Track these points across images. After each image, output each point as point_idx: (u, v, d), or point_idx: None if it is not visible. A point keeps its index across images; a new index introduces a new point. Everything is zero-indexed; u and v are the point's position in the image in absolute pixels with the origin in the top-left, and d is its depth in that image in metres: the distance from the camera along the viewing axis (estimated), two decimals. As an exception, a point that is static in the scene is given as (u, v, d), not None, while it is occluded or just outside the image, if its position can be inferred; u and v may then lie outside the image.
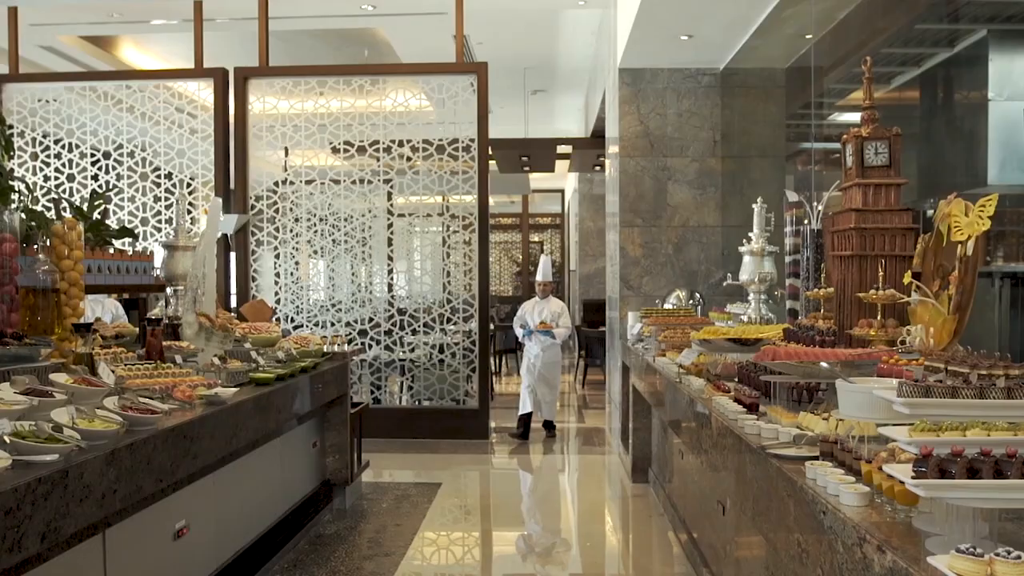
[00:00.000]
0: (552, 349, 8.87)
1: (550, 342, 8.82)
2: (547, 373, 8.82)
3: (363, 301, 8.94)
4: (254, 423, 4.09)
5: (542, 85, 13.41)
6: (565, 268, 23.92)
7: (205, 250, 4.93)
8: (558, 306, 9.00)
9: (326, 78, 8.59)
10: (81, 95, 8.67)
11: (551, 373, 8.86)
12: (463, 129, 8.59)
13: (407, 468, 7.60)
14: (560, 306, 9.01)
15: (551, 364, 8.87)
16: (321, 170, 8.81)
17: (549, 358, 8.84)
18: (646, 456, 6.72)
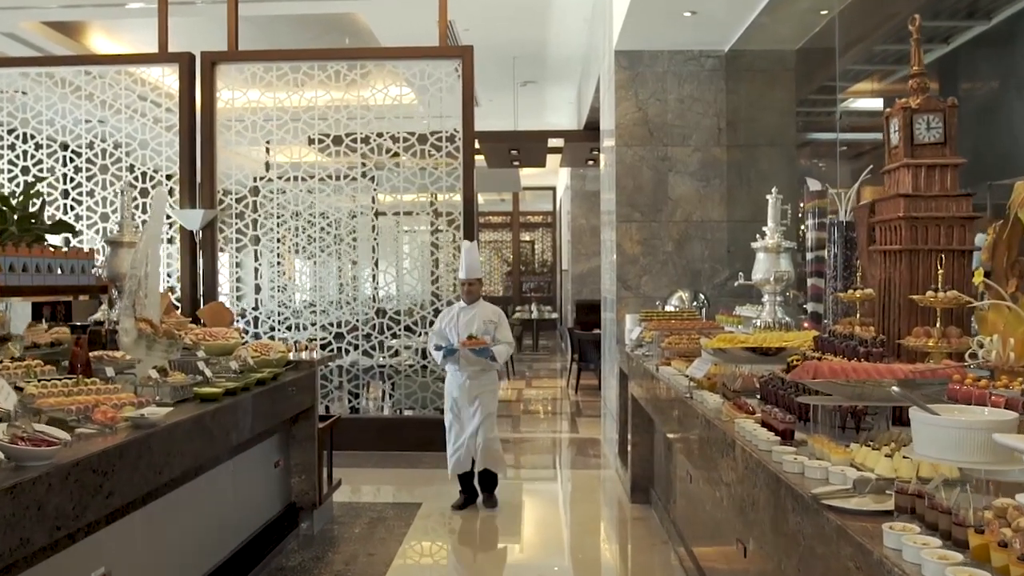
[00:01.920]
0: (485, 376, 6.14)
1: (482, 366, 6.09)
2: (482, 407, 6.12)
3: (342, 303, 8.33)
4: (194, 447, 3.48)
5: (532, 76, 12.80)
6: (557, 267, 23.33)
7: (147, 246, 4.32)
8: (492, 313, 6.24)
9: (300, 63, 7.98)
10: (37, 82, 8.04)
11: (487, 405, 6.16)
12: (448, 120, 7.99)
13: (385, 485, 7.00)
14: (496, 313, 6.27)
15: (486, 395, 6.16)
16: (297, 164, 8.20)
17: (481, 387, 6.12)
18: (647, 474, 6.13)
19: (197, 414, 3.53)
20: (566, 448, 8.70)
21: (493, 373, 6.25)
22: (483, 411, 6.09)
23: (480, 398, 6.11)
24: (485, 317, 6.15)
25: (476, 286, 6.22)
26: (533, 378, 14.15)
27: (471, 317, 6.13)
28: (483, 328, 6.09)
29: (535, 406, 11.33)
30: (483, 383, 6.14)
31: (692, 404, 3.69)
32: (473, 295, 6.19)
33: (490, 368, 6.16)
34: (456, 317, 6.19)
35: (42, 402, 3.18)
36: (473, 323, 6.10)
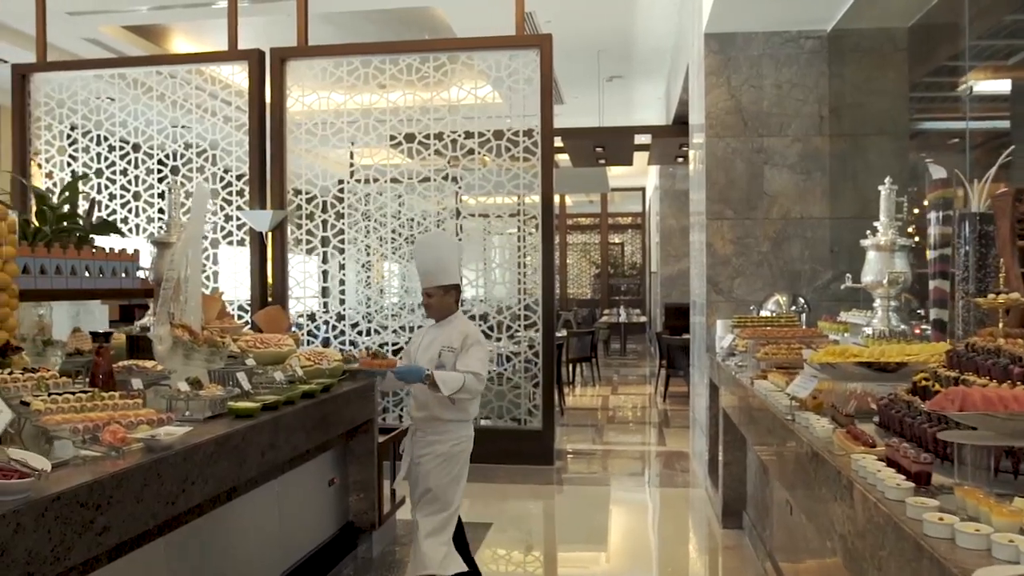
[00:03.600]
0: (434, 429, 4.04)
1: (428, 412, 4.04)
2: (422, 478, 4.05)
3: (413, 307, 7.95)
4: (219, 471, 3.09)
5: (618, 70, 12.23)
6: (646, 270, 22.62)
7: (186, 246, 3.98)
8: (458, 336, 4.04)
9: (371, 57, 7.65)
10: (110, 83, 7.95)
11: (430, 478, 4.02)
12: (530, 118, 7.52)
13: (456, 501, 6.56)
14: (462, 335, 4.03)
15: (430, 462, 4.03)
16: (374, 165, 7.87)
17: (427, 446, 4.05)
18: (739, 497, 5.51)
19: (224, 433, 3.15)
20: (652, 462, 8.11)
21: (452, 428, 4.00)
22: (422, 485, 4.02)
23: (422, 464, 4.01)
24: (446, 341, 4.02)
25: (437, 297, 4.04)
26: (620, 384, 13.55)
27: (432, 339, 4.11)
28: (437, 354, 4.01)
29: (621, 414, 10.75)
30: (429, 440, 4.01)
31: (794, 428, 3.11)
32: (434, 309, 4.09)
33: (443, 416, 3.99)
34: (422, 338, 4.24)
35: (48, 419, 2.84)
36: (432, 347, 4.07)
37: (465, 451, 4.14)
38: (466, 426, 4.13)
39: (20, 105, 8.04)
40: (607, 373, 14.60)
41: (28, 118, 8.05)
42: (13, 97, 8.04)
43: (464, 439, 4.12)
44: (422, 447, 4.07)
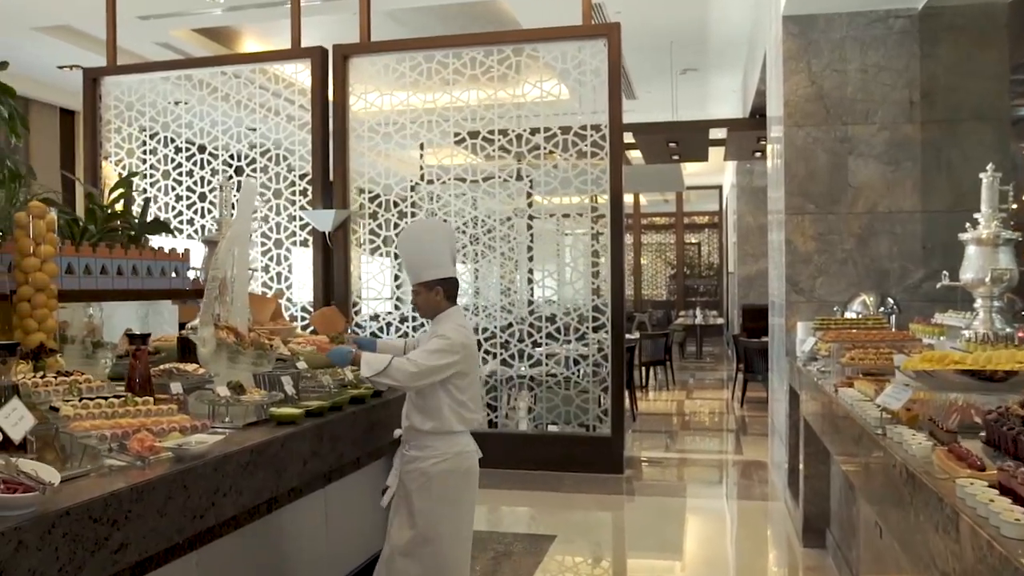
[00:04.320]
0: (414, 456, 3.49)
1: (413, 439, 3.53)
2: (395, 524, 3.55)
3: (479, 309, 7.75)
4: (255, 482, 2.91)
5: (692, 63, 11.80)
6: (723, 270, 22.01)
7: (231, 244, 3.83)
8: (433, 335, 3.50)
9: (434, 51, 7.46)
10: (177, 85, 7.97)
11: (420, 503, 3.46)
12: (596, 108, 7.23)
13: (519, 510, 6.33)
14: (434, 335, 3.48)
15: (420, 480, 3.46)
16: (443, 166, 7.70)
17: (410, 480, 3.49)
18: (822, 513, 5.11)
19: (261, 441, 2.97)
20: (729, 471, 7.71)
21: (432, 441, 3.45)
22: (403, 509, 3.49)
23: (403, 485, 3.51)
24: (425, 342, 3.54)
25: (422, 295, 3.54)
26: (696, 388, 13.10)
27: (420, 341, 3.72)
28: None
29: (696, 420, 10.34)
30: (411, 455, 3.50)
31: (886, 444, 2.75)
32: (420, 308, 3.61)
33: (417, 425, 3.47)
34: (418, 339, 3.85)
35: (76, 426, 2.70)
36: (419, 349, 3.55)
37: (452, 471, 3.44)
38: (450, 440, 3.46)
39: (91, 109, 8.13)
40: (682, 377, 14.16)
41: (99, 121, 8.14)
42: (84, 101, 8.15)
43: (448, 456, 3.44)
44: (405, 464, 3.53)
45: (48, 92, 11.27)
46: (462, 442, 3.52)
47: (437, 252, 3.56)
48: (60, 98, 11.39)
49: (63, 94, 11.34)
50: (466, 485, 3.52)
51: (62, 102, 11.48)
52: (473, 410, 3.54)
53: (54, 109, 11.54)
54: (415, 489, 3.47)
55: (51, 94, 11.27)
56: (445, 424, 3.46)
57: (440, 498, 3.44)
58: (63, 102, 11.49)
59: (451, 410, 3.46)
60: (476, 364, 3.58)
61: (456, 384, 3.45)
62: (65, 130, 11.68)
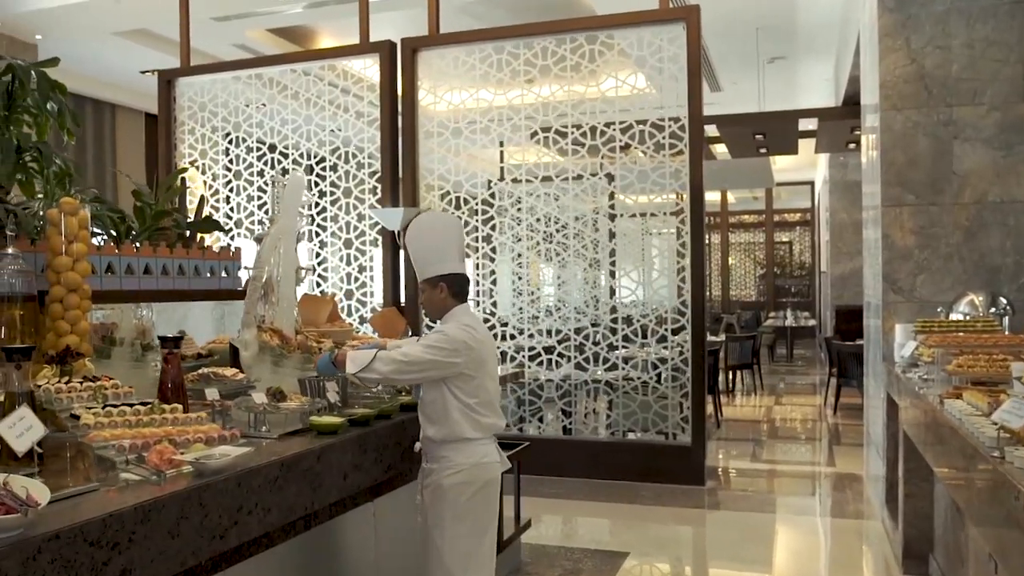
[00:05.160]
0: (433, 487, 3.16)
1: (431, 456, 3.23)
2: (426, 523, 3.20)
3: (553, 311, 7.45)
4: (286, 498, 2.68)
5: (780, 51, 11.21)
6: (815, 270, 21.10)
7: (275, 242, 3.63)
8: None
9: (504, 42, 7.20)
10: (248, 84, 7.92)
11: (432, 522, 3.16)
12: (674, 98, 6.84)
13: (592, 521, 5.99)
14: (432, 332, 3.26)
15: (433, 496, 3.16)
16: (515, 162, 7.45)
17: (432, 509, 3.16)
18: (924, 536, 4.62)
19: (294, 454, 2.73)
20: (821, 485, 7.19)
21: (445, 452, 3.15)
22: (422, 534, 3.21)
23: (422, 501, 3.24)
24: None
25: (426, 294, 3.25)
26: (785, 393, 12.49)
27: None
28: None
29: (786, 427, 9.78)
30: (427, 469, 3.22)
31: (1004, 469, 2.33)
32: (426, 308, 3.32)
33: (430, 434, 3.18)
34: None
35: (95, 435, 2.52)
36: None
37: (467, 484, 3.11)
38: (466, 449, 3.12)
39: (166, 110, 8.17)
40: (771, 381, 13.53)
41: (173, 123, 8.17)
42: (159, 103, 8.19)
43: (463, 467, 3.11)
44: (423, 478, 3.24)
45: (133, 97, 11.49)
46: (479, 452, 3.16)
47: (442, 247, 3.25)
48: (144, 103, 11.59)
49: (147, 99, 11.51)
50: (485, 500, 3.18)
51: (147, 107, 11.67)
52: (487, 415, 3.19)
53: (139, 114, 11.76)
54: (429, 504, 3.19)
55: (136, 99, 11.49)
56: (456, 431, 3.13)
57: (455, 514, 3.12)
58: (148, 106, 11.69)
59: (461, 415, 3.13)
60: (488, 367, 3.23)
61: (460, 387, 3.13)
62: (150, 134, 11.89)
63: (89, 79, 10.99)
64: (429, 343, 3.12)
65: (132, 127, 11.83)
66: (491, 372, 3.27)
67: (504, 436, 6.42)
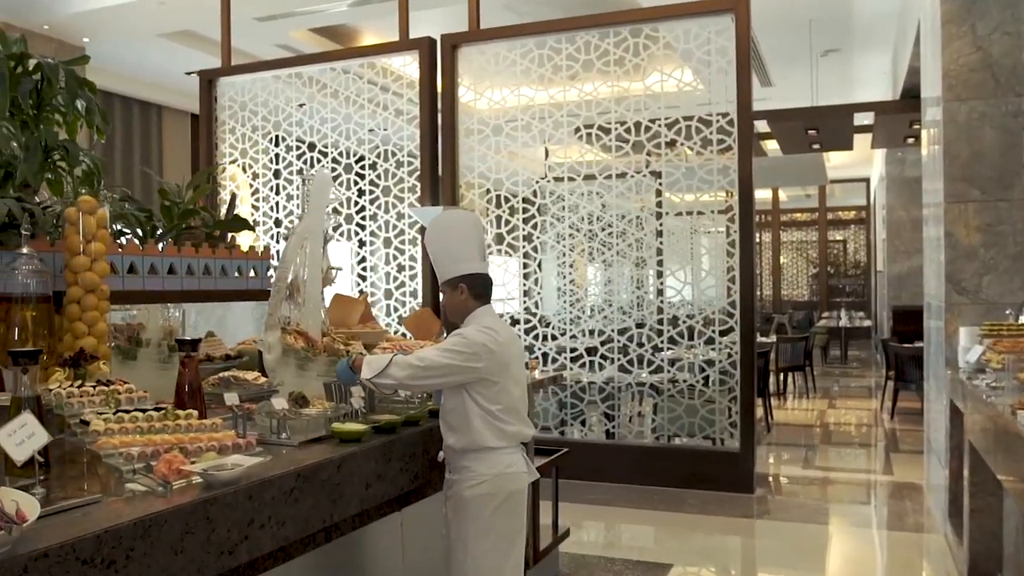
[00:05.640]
0: (455, 496, 3.01)
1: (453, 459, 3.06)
2: (448, 537, 3.06)
3: (591, 311, 7.24)
4: (302, 510, 2.53)
5: (834, 43, 10.84)
6: (871, 269, 20.51)
7: (304, 240, 3.50)
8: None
9: (545, 37, 7.02)
10: (288, 83, 7.86)
11: (454, 537, 3.01)
12: (723, 93, 6.59)
13: (633, 530, 5.78)
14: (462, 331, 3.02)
15: (454, 509, 3.02)
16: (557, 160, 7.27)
17: (455, 518, 3.01)
18: (992, 554, 4.32)
19: (311, 464, 2.59)
20: (878, 494, 6.86)
21: (467, 461, 2.98)
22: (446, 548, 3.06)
23: (445, 514, 3.09)
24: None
25: (446, 296, 3.11)
26: (839, 397, 12.08)
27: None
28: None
29: (840, 432, 9.42)
30: (449, 480, 3.08)
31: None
32: (447, 311, 3.15)
33: (451, 442, 3.01)
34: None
35: (104, 442, 2.40)
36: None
37: (490, 495, 2.93)
38: (488, 459, 2.94)
39: (207, 110, 8.16)
40: (824, 383, 13.12)
41: (214, 122, 8.15)
42: (201, 102, 8.18)
43: (485, 477, 2.94)
44: (446, 490, 3.10)
45: (178, 98, 11.57)
46: (504, 461, 2.98)
47: (461, 247, 3.08)
48: (190, 104, 11.65)
49: (193, 100, 11.56)
50: (509, 512, 3.00)
51: (192, 107, 11.74)
52: (511, 422, 3.00)
53: (185, 115, 11.84)
54: (451, 518, 3.02)
55: (182, 100, 11.56)
56: (478, 439, 2.95)
57: (478, 529, 2.95)
58: (193, 107, 11.75)
59: (483, 422, 2.95)
60: (512, 371, 3.04)
61: (482, 393, 2.95)
62: (195, 134, 11.96)
63: (136, 81, 11.10)
64: (447, 347, 2.96)
65: (178, 128, 11.91)
66: (516, 377, 3.09)
67: (544, 441, 6.26)
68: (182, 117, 11.86)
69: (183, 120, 11.87)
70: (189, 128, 11.88)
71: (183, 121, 11.88)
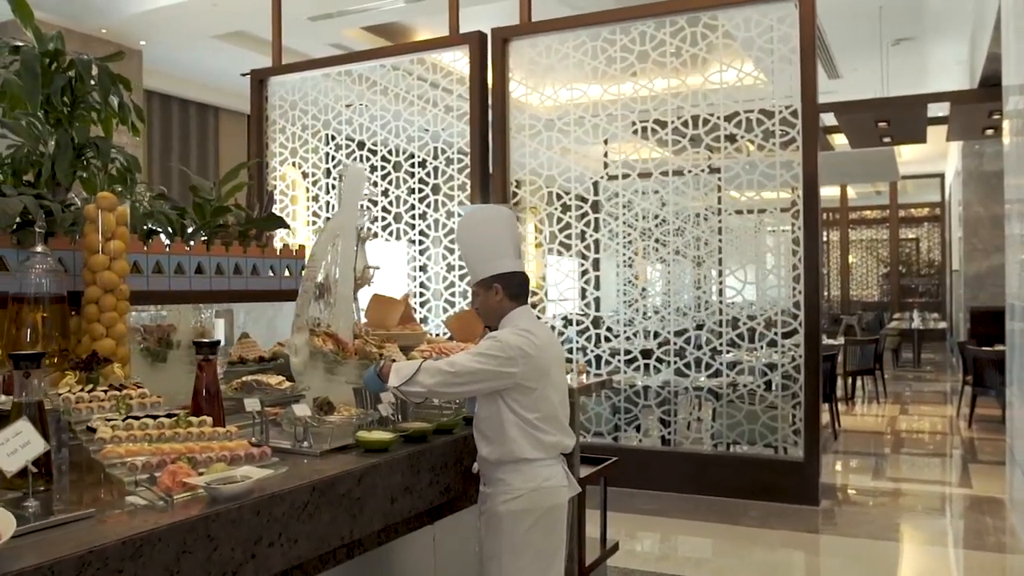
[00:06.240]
0: (489, 510, 2.80)
1: (487, 471, 2.85)
2: (482, 554, 2.85)
3: (646, 312, 6.97)
4: (317, 526, 2.36)
5: (906, 31, 10.33)
6: (946, 268, 19.67)
7: (334, 237, 3.34)
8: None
9: (599, 28, 6.77)
10: (338, 81, 7.77)
11: (487, 553, 2.81)
12: (787, 83, 6.26)
13: (688, 543, 5.50)
14: (496, 334, 2.85)
15: (488, 524, 2.81)
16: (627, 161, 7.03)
17: (483, 496, 2.86)
18: (1086, 580, 3.94)
19: (328, 476, 2.41)
20: (954, 509, 6.44)
21: (502, 474, 2.77)
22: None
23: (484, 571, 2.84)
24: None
25: (480, 298, 2.92)
26: (912, 402, 11.53)
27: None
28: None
29: (913, 440, 8.95)
30: (484, 493, 2.86)
31: None
32: (482, 314, 3.00)
33: (485, 454, 2.81)
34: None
35: (110, 451, 2.27)
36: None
37: (526, 512, 2.72)
38: (525, 471, 2.73)
39: (258, 110, 8.14)
40: (896, 388, 12.55)
41: (265, 122, 8.12)
42: (252, 102, 8.16)
43: (521, 492, 2.73)
44: (480, 504, 2.89)
45: (235, 100, 11.64)
46: (542, 474, 2.77)
47: (494, 243, 2.88)
48: (246, 105, 11.70)
49: (248, 101, 11.66)
50: (547, 529, 2.78)
51: (248, 109, 11.80)
52: (550, 432, 2.78)
53: (241, 116, 11.89)
54: (485, 534, 2.82)
55: (237, 102, 11.62)
56: (514, 451, 2.74)
57: (512, 547, 2.73)
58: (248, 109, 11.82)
59: (519, 432, 2.74)
60: (551, 377, 2.83)
61: (518, 400, 2.74)
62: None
63: (193, 83, 11.20)
64: (480, 351, 2.76)
65: (235, 129, 11.99)
66: (556, 382, 2.88)
67: (595, 447, 6.04)
68: (239, 119, 11.93)
69: (240, 122, 11.94)
70: (245, 129, 11.93)
71: (240, 123, 11.94)
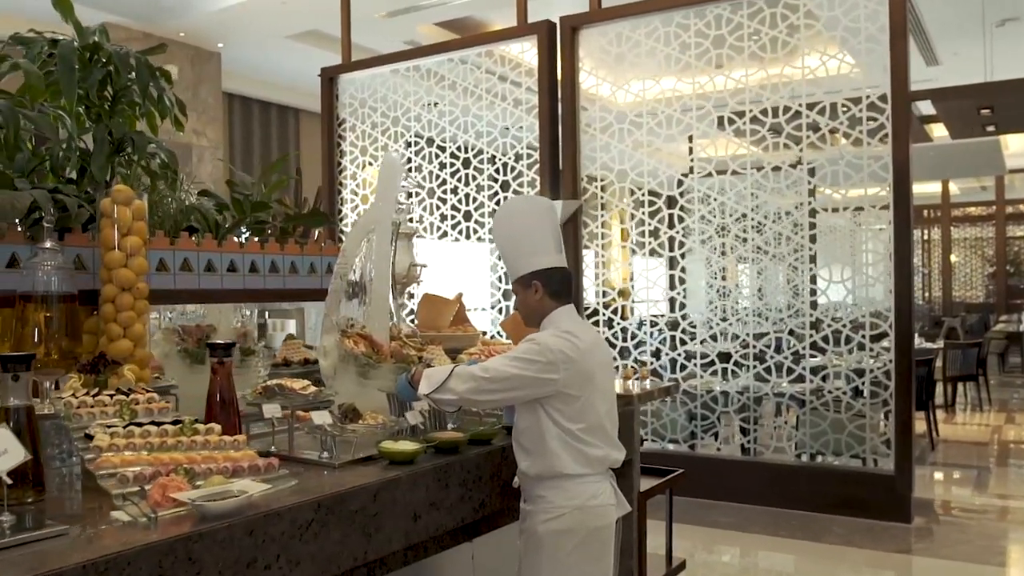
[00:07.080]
0: (529, 518, 2.57)
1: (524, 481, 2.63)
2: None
3: (724, 314, 6.59)
4: (325, 547, 2.15)
5: (1013, 10, 9.58)
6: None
7: (368, 232, 3.14)
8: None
9: (672, 13, 6.43)
10: (406, 77, 7.64)
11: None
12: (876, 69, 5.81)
13: (766, 561, 5.12)
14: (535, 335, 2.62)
15: (528, 544, 2.57)
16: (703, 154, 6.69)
17: (524, 514, 2.62)
18: None
19: (337, 492, 2.20)
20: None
21: (544, 491, 2.53)
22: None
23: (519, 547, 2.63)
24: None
25: (519, 296, 2.73)
26: (1019, 410, 10.73)
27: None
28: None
29: (1019, 452, 8.27)
30: (524, 510, 2.61)
31: None
32: (521, 314, 2.82)
33: (524, 468, 2.57)
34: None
35: (106, 460, 2.12)
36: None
37: (569, 532, 2.48)
38: (568, 488, 2.49)
39: (328, 108, 8.10)
40: (1001, 395, 11.71)
41: (335, 120, 8.07)
42: (322, 100, 8.14)
43: (564, 511, 2.49)
44: (520, 522, 2.64)
45: (314, 101, 11.63)
46: (587, 492, 2.52)
47: (531, 238, 2.64)
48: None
49: (328, 101, 11.71)
50: (592, 552, 2.52)
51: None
52: (596, 444, 2.52)
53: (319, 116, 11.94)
54: (524, 554, 2.57)
55: (316, 103, 11.65)
56: (556, 465, 2.49)
57: (552, 569, 2.49)
58: (328, 109, 11.87)
59: (561, 445, 2.48)
60: (597, 383, 2.56)
61: (560, 409, 2.48)
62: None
63: (272, 85, 11.30)
64: (516, 354, 2.52)
65: (315, 130, 12.02)
66: (603, 389, 2.61)
67: (669, 455, 5.71)
68: (319, 120, 11.97)
69: (319, 122, 11.99)
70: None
71: (319, 123, 11.99)
